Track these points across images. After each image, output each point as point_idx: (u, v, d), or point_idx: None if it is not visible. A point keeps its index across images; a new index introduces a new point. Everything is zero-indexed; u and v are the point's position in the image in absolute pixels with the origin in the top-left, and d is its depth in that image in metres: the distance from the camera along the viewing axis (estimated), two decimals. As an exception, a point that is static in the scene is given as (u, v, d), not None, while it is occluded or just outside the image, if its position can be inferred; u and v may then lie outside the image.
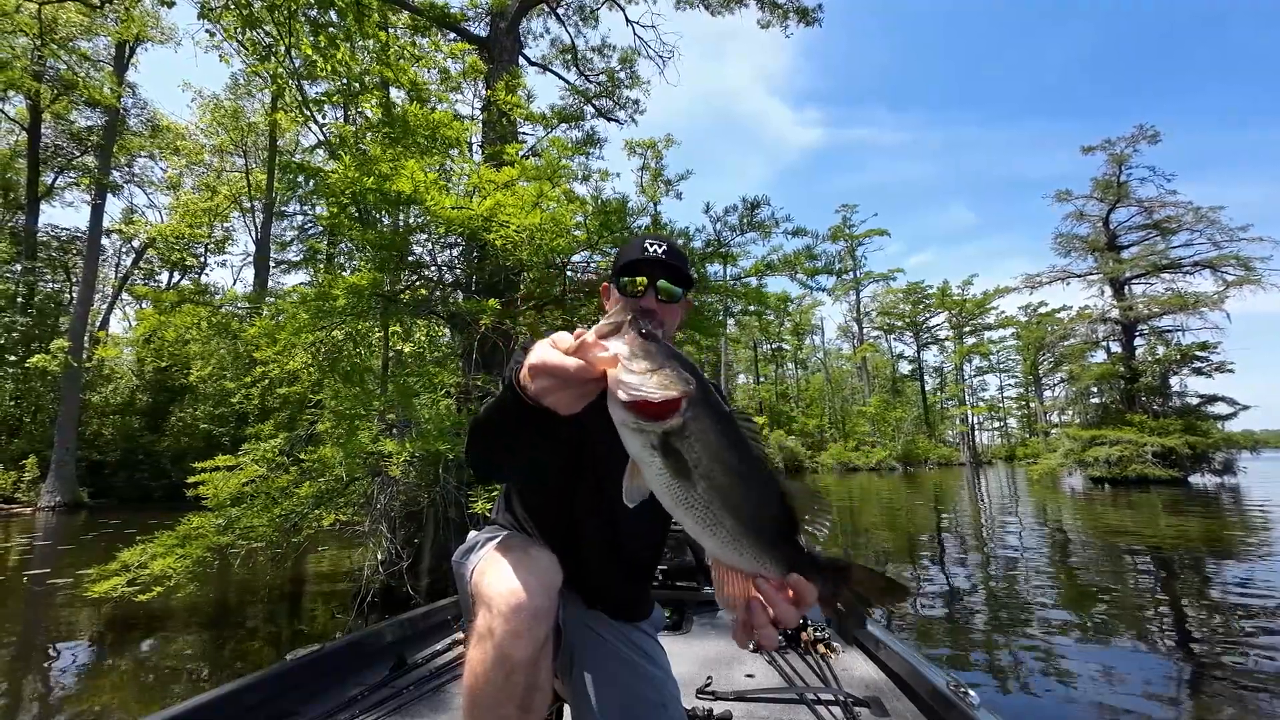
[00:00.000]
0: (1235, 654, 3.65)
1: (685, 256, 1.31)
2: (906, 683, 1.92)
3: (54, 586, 6.29)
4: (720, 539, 0.72)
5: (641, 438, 0.70)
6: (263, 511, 4.68)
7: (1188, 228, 21.57)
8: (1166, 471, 18.52)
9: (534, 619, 0.93)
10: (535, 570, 0.98)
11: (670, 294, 1.26)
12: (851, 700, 1.83)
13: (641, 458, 0.72)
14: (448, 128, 4.99)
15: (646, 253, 1.25)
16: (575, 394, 0.78)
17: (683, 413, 0.69)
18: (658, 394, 0.68)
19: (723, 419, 0.72)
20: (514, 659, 0.92)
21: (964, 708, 1.56)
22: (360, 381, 5.62)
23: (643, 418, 0.69)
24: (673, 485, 0.70)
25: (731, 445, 0.71)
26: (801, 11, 10.07)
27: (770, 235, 5.55)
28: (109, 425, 18.53)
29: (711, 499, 0.70)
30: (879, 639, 2.19)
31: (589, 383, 0.75)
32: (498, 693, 0.92)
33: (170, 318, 4.88)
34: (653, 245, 1.26)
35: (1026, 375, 49.23)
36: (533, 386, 0.80)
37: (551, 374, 0.76)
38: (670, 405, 0.68)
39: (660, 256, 1.24)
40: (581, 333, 0.77)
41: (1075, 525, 10.01)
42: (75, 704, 3.38)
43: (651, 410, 0.69)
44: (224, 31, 5.13)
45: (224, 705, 1.67)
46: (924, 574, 6.21)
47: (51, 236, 22.95)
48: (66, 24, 16.93)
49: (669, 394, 0.68)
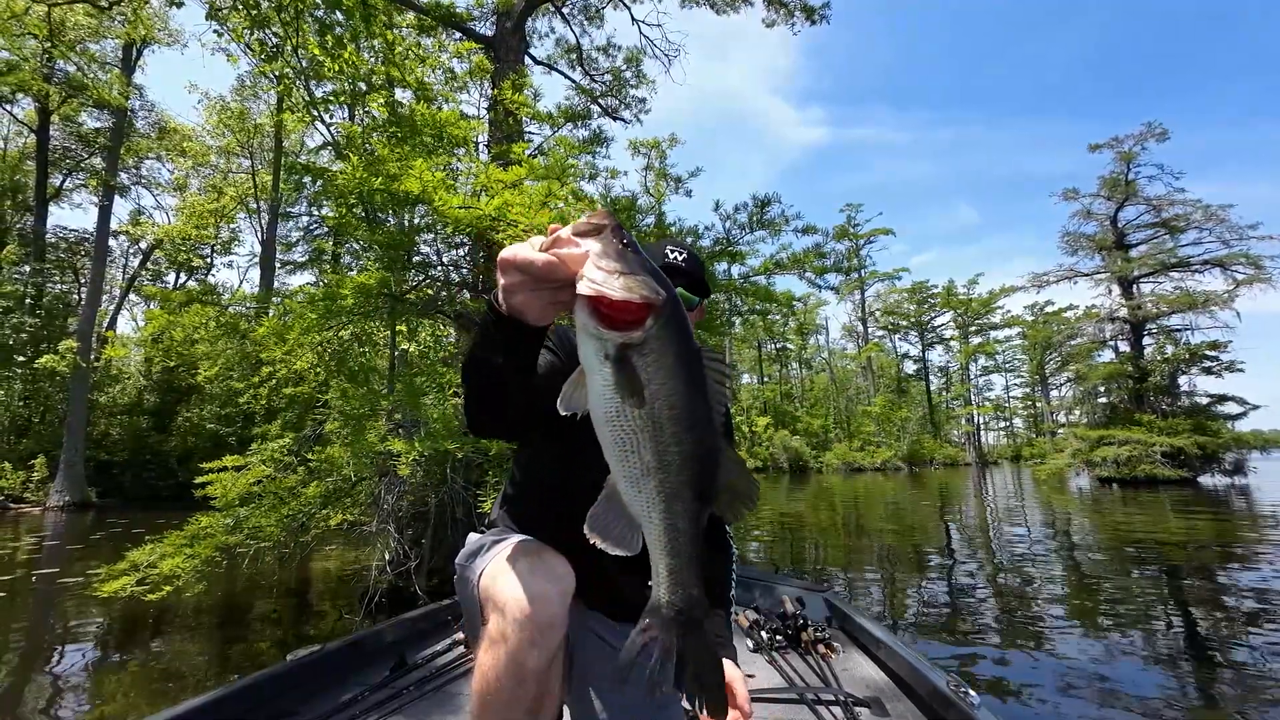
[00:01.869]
0: (1243, 657, 3.60)
1: (703, 264, 1.37)
2: (906, 683, 1.91)
3: (63, 585, 6.31)
4: (629, 468, 0.68)
5: (596, 344, 0.66)
6: (270, 511, 4.69)
7: (1196, 226, 21.39)
8: (1175, 472, 18.36)
9: (549, 628, 0.92)
10: (551, 577, 0.97)
11: (687, 301, 1.28)
12: (851, 700, 1.83)
13: (590, 365, 0.67)
14: (455, 126, 4.98)
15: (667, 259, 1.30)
16: (545, 298, 0.75)
17: (646, 328, 0.64)
18: (619, 294, 0.63)
19: (686, 347, 0.67)
20: (527, 667, 0.91)
21: (964, 708, 1.56)
22: (366, 381, 5.62)
23: (602, 324, 0.64)
24: (611, 400, 0.65)
25: (687, 379, 0.66)
26: (808, 10, 10.02)
27: (780, 233, 5.53)
28: (116, 425, 18.63)
29: (643, 427, 0.65)
30: (879, 639, 2.19)
31: (558, 283, 0.71)
32: (509, 699, 0.91)
33: (179, 318, 4.89)
34: (674, 251, 1.32)
35: (1032, 375, 48.98)
36: (503, 281, 0.76)
37: (520, 269, 0.73)
38: (630, 311, 0.63)
39: (680, 264, 1.30)
40: (556, 227, 0.73)
41: (1082, 526, 9.93)
42: (84, 703, 3.38)
43: (613, 313, 0.64)
44: (232, 33, 5.14)
45: (224, 705, 1.68)
46: (928, 574, 6.17)
47: (60, 238, 23.09)
48: (75, 27, 17.04)
49: (630, 296, 0.63)
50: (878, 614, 4.73)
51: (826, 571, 6.33)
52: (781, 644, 2.31)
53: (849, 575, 6.11)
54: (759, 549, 8.06)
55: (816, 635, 2.31)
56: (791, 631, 2.35)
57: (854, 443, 39.50)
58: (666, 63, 11.28)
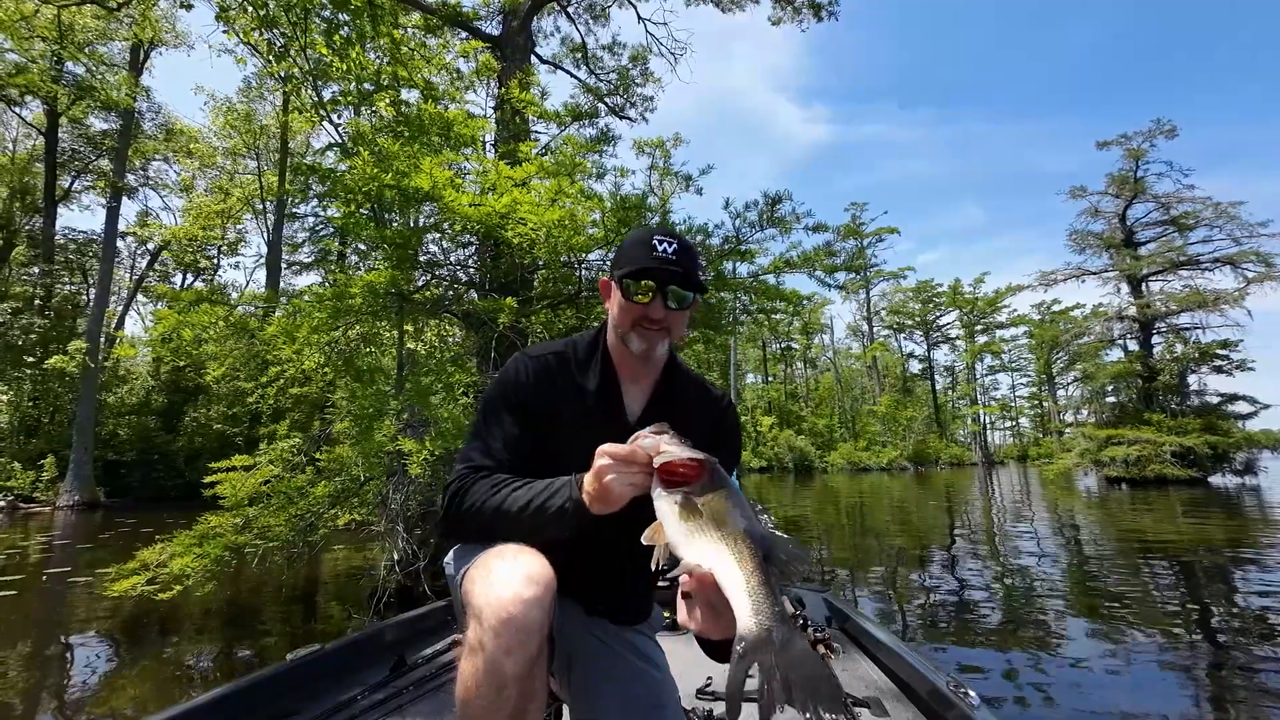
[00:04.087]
0: (1253, 660, 3.54)
1: (696, 253, 1.19)
2: (906, 683, 1.91)
3: (74, 584, 6.34)
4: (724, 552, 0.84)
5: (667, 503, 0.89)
6: (279, 511, 4.70)
7: (1207, 223, 21.23)
8: (1185, 471, 18.22)
9: (525, 633, 0.89)
10: (526, 581, 0.92)
11: (681, 300, 1.15)
12: (851, 700, 1.82)
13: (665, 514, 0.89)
14: (463, 125, 4.97)
15: (655, 253, 1.12)
16: (628, 482, 0.92)
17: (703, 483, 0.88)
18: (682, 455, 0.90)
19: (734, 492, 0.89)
20: (506, 674, 0.89)
21: (964, 708, 1.56)
22: (372, 381, 5.62)
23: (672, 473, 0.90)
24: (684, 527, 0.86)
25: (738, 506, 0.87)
26: (815, 6, 9.98)
27: (790, 231, 5.48)
28: (124, 425, 18.74)
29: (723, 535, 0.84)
30: (879, 639, 2.18)
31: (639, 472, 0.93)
32: (490, 706, 0.90)
33: (189, 317, 4.91)
34: (661, 244, 1.13)
35: (1039, 374, 48.70)
36: (598, 463, 0.94)
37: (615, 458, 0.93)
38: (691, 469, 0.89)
39: (670, 258, 1.12)
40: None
41: (1090, 526, 9.85)
42: (94, 700, 3.39)
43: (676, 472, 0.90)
44: (242, 34, 5.14)
45: (224, 705, 1.67)
46: (934, 575, 6.13)
47: (68, 240, 23.28)
48: (83, 29, 17.16)
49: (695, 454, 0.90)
50: (883, 615, 4.70)
51: (832, 572, 6.29)
52: None
53: (854, 576, 6.07)
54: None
55: (816, 635, 2.31)
56: None
57: (859, 443, 39.39)
58: (673, 61, 11.27)
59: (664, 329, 1.16)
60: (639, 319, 1.15)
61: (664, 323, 1.15)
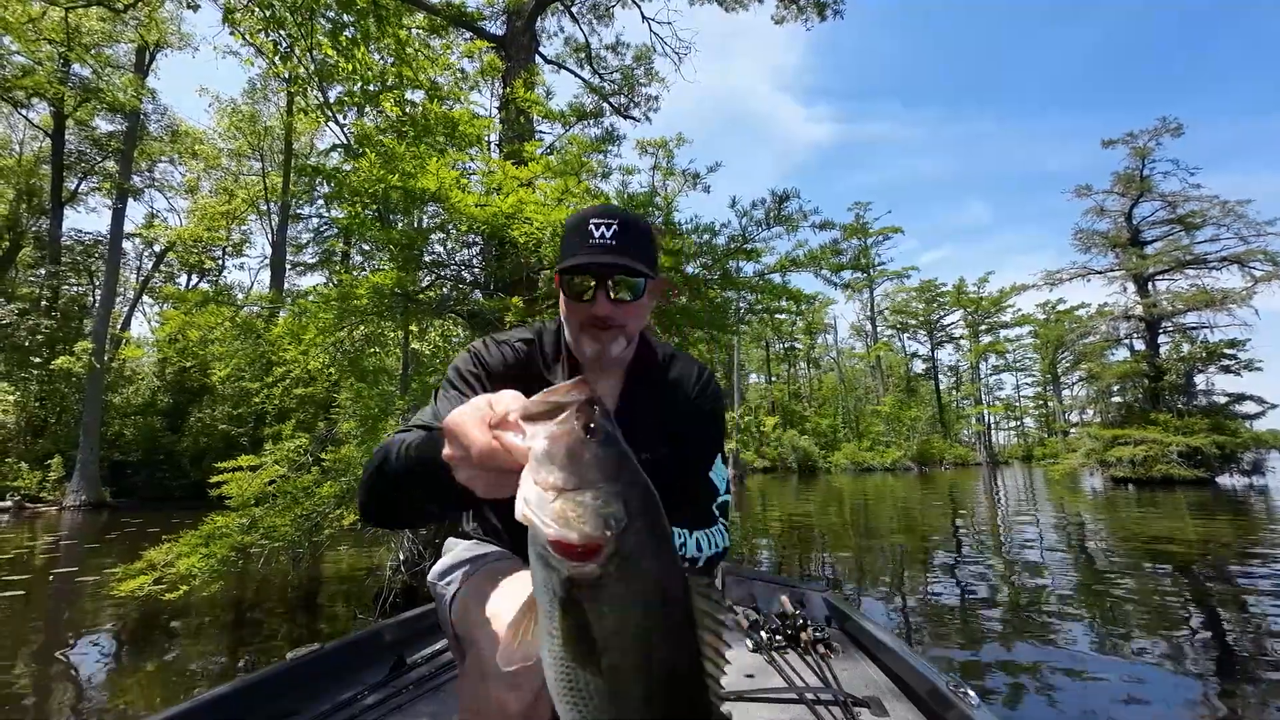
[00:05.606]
0: (1260, 662, 3.51)
1: (644, 228, 1.00)
2: (906, 683, 1.91)
3: (81, 584, 6.37)
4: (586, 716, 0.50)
5: (544, 572, 0.50)
6: (285, 511, 4.70)
7: (1213, 222, 21.06)
8: (1192, 472, 18.10)
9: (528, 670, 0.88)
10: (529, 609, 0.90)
11: (631, 289, 0.97)
12: (851, 700, 1.83)
13: (539, 598, 0.51)
14: (468, 124, 4.97)
15: (591, 240, 0.95)
16: (490, 479, 0.59)
17: (601, 563, 0.48)
18: (553, 528, 0.47)
19: (658, 588, 0.50)
20: (509, 711, 0.86)
21: (963, 708, 1.56)
22: (377, 382, 5.63)
23: (552, 547, 0.48)
24: (561, 656, 0.49)
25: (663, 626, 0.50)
26: (819, 5, 9.96)
27: (797, 229, 5.45)
28: (130, 426, 18.82)
29: (601, 690, 0.49)
30: (879, 639, 2.18)
31: (501, 471, 0.56)
32: None
33: (195, 318, 4.93)
34: (599, 227, 0.94)
35: (1044, 374, 48.46)
36: (445, 450, 0.62)
37: (458, 443, 0.59)
38: (574, 547, 0.47)
39: (610, 244, 0.94)
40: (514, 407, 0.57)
41: (1096, 526, 9.79)
42: (101, 699, 3.40)
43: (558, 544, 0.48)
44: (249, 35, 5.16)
45: (224, 705, 1.67)
46: (938, 575, 6.09)
47: (75, 241, 23.38)
48: (89, 31, 17.24)
49: (567, 534, 0.47)
50: (886, 615, 4.68)
51: (835, 573, 6.27)
52: (781, 644, 2.32)
53: (857, 576, 6.05)
54: (768, 549, 8.00)
55: (816, 635, 2.31)
56: (791, 632, 2.36)
57: (863, 443, 39.27)
58: (677, 60, 11.26)
59: (616, 327, 0.99)
60: (585, 320, 0.99)
61: (613, 319, 0.98)
